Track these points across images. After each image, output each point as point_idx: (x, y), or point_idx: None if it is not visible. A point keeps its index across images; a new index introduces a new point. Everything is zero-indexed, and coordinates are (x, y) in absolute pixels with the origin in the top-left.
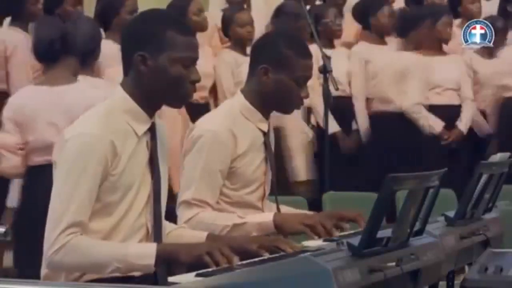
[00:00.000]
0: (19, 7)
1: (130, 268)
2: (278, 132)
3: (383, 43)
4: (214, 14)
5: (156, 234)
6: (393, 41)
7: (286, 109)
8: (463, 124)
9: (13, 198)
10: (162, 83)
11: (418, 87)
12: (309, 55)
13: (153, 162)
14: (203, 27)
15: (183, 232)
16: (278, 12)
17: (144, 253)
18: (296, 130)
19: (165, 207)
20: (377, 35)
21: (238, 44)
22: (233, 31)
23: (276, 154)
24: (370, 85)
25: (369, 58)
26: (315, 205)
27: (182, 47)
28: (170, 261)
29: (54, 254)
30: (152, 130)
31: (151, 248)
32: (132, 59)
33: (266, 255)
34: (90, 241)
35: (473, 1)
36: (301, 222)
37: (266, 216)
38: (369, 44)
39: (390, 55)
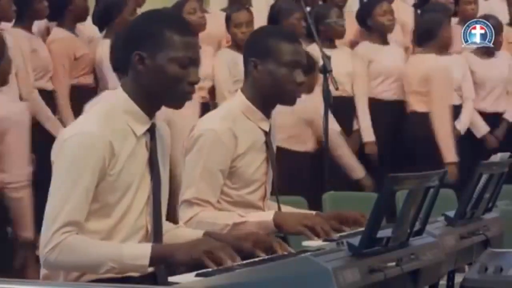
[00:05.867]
0: (25, 6)
1: (125, 269)
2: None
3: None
4: (219, 14)
5: (156, 235)
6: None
7: (286, 99)
8: (461, 124)
9: None
10: (159, 83)
11: None
12: (294, 40)
13: (152, 163)
14: (199, 27)
15: (180, 232)
16: (273, 9)
17: (138, 254)
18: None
19: (166, 208)
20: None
21: (236, 44)
22: (231, 31)
23: None
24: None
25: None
26: (315, 205)
27: (180, 47)
28: (166, 262)
29: (49, 253)
30: (151, 131)
31: (146, 249)
32: (130, 59)
33: (262, 255)
34: (85, 240)
35: (470, 2)
36: (301, 223)
37: (267, 215)
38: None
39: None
